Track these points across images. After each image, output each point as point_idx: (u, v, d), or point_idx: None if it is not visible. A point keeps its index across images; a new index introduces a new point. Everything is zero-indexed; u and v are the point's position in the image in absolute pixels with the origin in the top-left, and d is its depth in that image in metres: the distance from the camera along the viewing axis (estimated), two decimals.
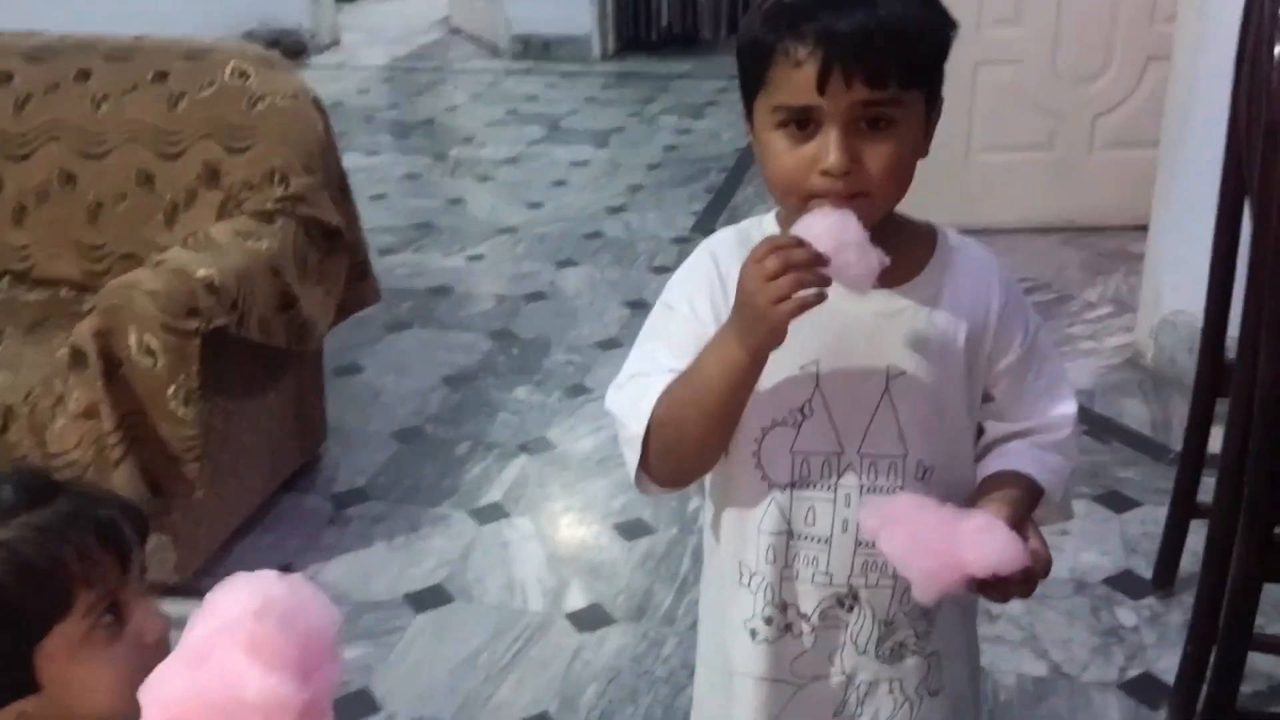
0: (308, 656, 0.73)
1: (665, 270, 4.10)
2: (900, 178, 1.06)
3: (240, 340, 2.39)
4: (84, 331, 2.20)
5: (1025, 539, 1.05)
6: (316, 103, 2.76)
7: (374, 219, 4.60)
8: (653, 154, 5.46)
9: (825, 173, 1.01)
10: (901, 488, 1.13)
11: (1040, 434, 1.17)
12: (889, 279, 1.09)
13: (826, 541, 1.14)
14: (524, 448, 2.95)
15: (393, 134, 5.87)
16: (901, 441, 1.12)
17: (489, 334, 3.59)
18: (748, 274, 1.00)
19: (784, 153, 1.04)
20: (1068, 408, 1.19)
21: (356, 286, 2.90)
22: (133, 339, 2.18)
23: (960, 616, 1.25)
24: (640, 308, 3.68)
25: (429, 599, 2.41)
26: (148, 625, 0.88)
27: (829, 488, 1.13)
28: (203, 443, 2.27)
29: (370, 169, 5.23)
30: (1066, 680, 2.13)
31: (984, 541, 1.02)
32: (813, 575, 1.15)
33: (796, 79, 1.00)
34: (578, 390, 3.22)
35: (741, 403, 1.07)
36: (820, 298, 0.98)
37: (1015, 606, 2.33)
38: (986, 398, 1.18)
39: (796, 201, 1.05)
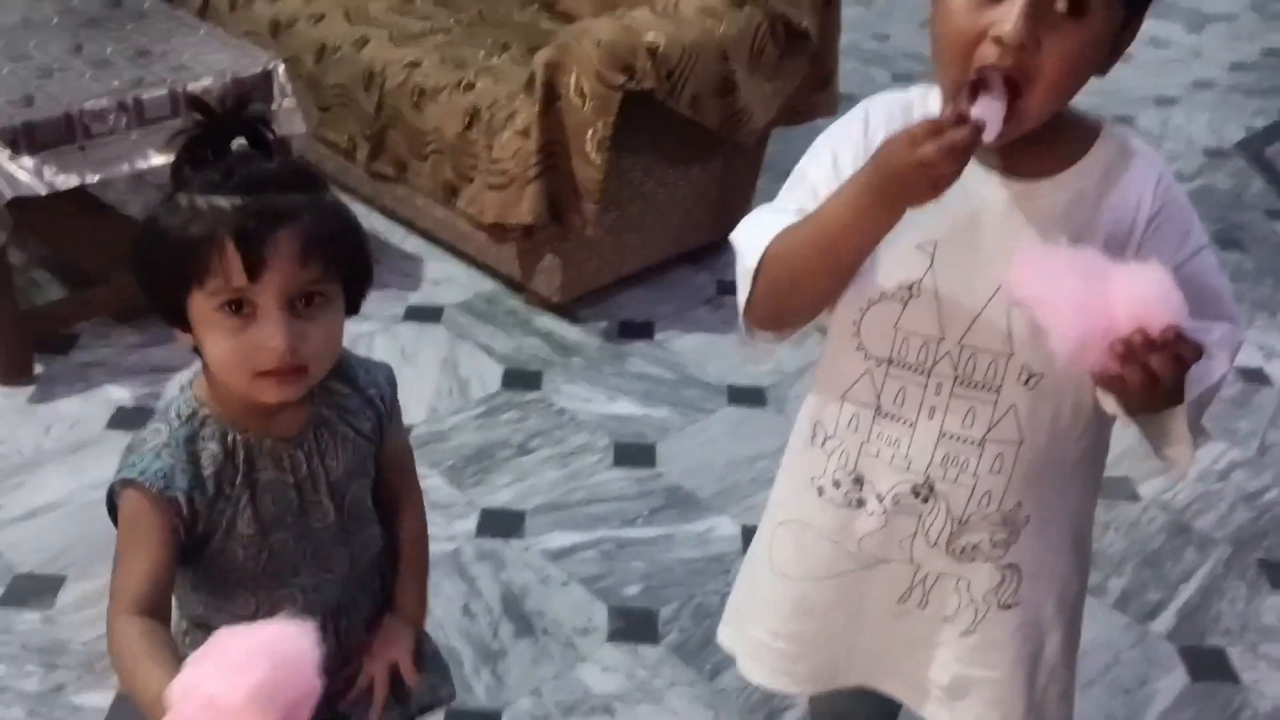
0: (288, 715, 0.84)
1: (1177, 179, 3.72)
2: (1074, 78, 0.96)
3: (675, 110, 2.59)
4: (539, 61, 2.50)
5: None
6: None
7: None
8: (1250, 53, 4.83)
9: (997, 40, 0.93)
10: (1000, 389, 1.08)
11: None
12: (1031, 169, 1.02)
13: (911, 425, 1.12)
14: None
15: None
16: (1009, 341, 1.06)
17: None
18: (902, 147, 0.93)
19: (963, 11, 0.95)
20: (1222, 327, 1.05)
21: (815, 95, 2.97)
22: (572, 78, 2.45)
23: (1059, 539, 1.17)
24: None
25: (744, 397, 2.57)
26: (264, 337, 0.99)
27: (923, 372, 1.09)
28: (603, 188, 2.52)
29: None
30: None
31: (1134, 281, 0.90)
32: (892, 457, 1.13)
33: None
34: None
35: (860, 253, 1.03)
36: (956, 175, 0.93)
37: None
38: None
39: (958, 71, 0.97)
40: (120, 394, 2.41)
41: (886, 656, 1.24)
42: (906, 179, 0.94)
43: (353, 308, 1.09)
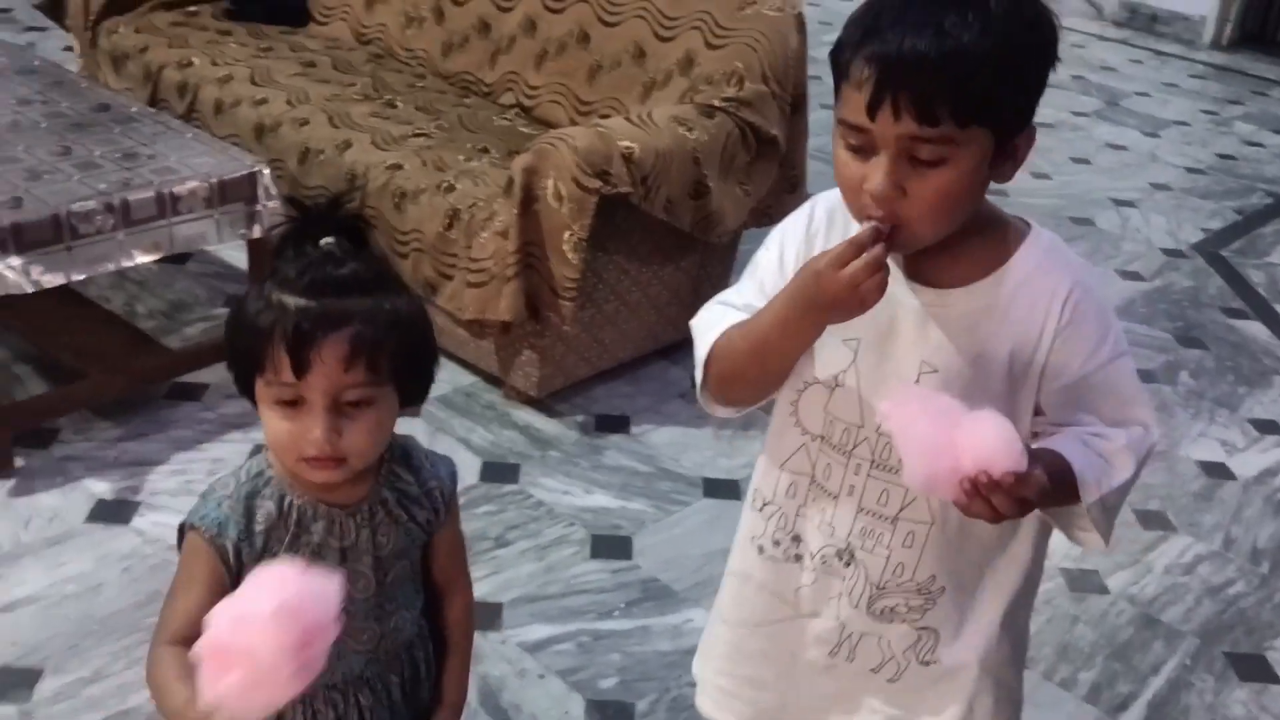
0: (306, 636, 0.95)
1: (1136, 278, 3.85)
2: (948, 212, 1.05)
3: (650, 212, 2.67)
4: (517, 165, 2.58)
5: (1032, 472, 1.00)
6: (799, 19, 2.92)
7: None
8: (1202, 157, 5.00)
9: (869, 194, 1.03)
10: None
11: (1089, 429, 1.11)
12: (946, 277, 1.11)
13: (835, 498, 1.21)
14: None
15: None
16: None
17: None
18: (835, 277, 1.03)
19: (844, 165, 1.06)
20: (1132, 431, 1.12)
21: (785, 197, 3.07)
22: (550, 182, 2.53)
23: (978, 609, 1.23)
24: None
25: (721, 489, 2.61)
26: (305, 429, 1.09)
27: (845, 453, 1.20)
28: (579, 287, 2.59)
29: None
30: None
31: (982, 430, 1.00)
32: (820, 523, 1.23)
33: (855, 100, 1.02)
34: None
35: (787, 359, 1.15)
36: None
37: None
38: (1038, 411, 1.15)
39: (853, 209, 1.08)
40: (100, 487, 2.42)
41: (820, 708, 1.31)
42: (834, 297, 1.04)
43: (412, 401, 1.17)
